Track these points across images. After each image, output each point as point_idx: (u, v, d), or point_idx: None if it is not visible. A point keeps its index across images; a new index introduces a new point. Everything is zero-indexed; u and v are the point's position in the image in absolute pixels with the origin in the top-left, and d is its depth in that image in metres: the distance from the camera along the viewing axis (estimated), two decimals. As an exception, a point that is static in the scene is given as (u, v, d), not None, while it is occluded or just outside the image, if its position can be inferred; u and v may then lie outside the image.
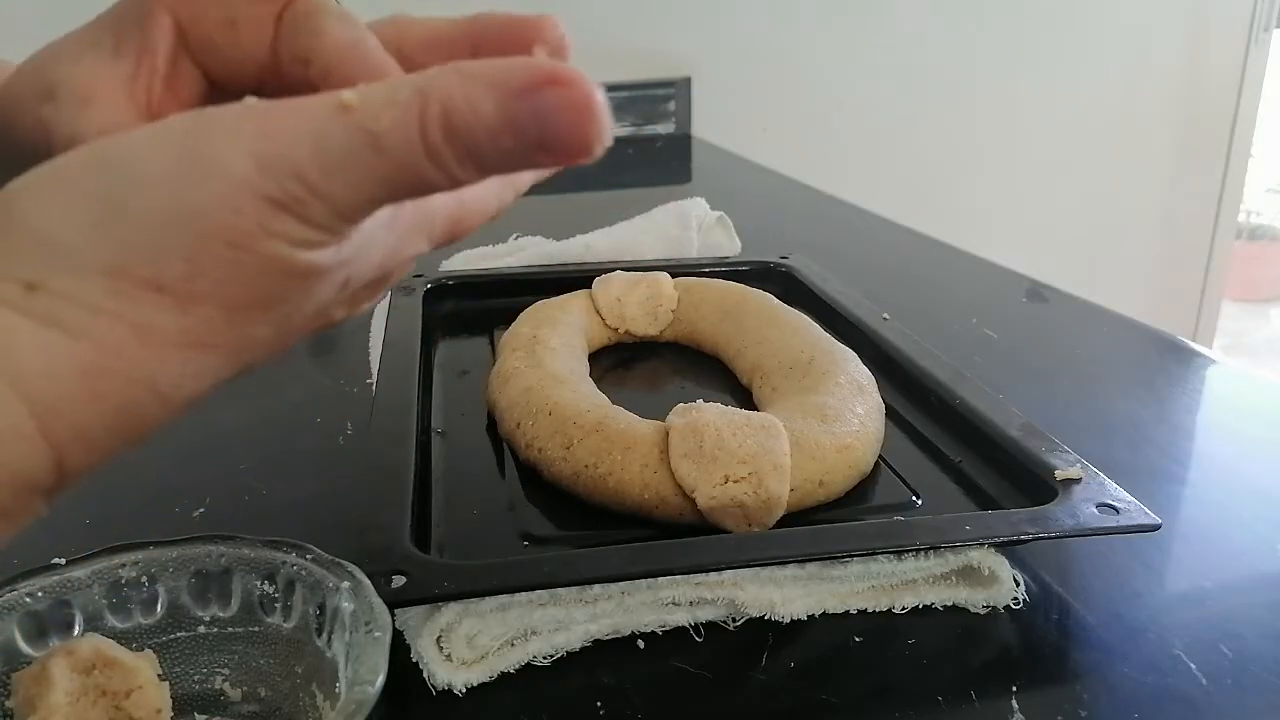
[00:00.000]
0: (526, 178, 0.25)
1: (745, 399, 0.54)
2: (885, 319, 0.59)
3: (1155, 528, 0.37)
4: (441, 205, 0.24)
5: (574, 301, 0.60)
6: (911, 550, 0.37)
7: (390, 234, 0.22)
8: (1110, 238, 1.93)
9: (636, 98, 1.54)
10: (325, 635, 0.30)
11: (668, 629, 0.37)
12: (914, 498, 0.43)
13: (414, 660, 0.34)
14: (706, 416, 0.41)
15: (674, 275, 0.63)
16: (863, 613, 0.38)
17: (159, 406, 0.20)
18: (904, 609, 0.38)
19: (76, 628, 0.30)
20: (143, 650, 0.30)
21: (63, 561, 0.30)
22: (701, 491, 0.39)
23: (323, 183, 0.19)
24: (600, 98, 0.19)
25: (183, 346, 0.19)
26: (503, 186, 0.25)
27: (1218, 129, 1.95)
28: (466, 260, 0.75)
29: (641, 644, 0.36)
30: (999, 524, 0.38)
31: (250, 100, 0.20)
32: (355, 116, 0.19)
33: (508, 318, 0.58)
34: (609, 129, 0.19)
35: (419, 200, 0.23)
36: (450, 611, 0.34)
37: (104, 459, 0.20)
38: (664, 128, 1.58)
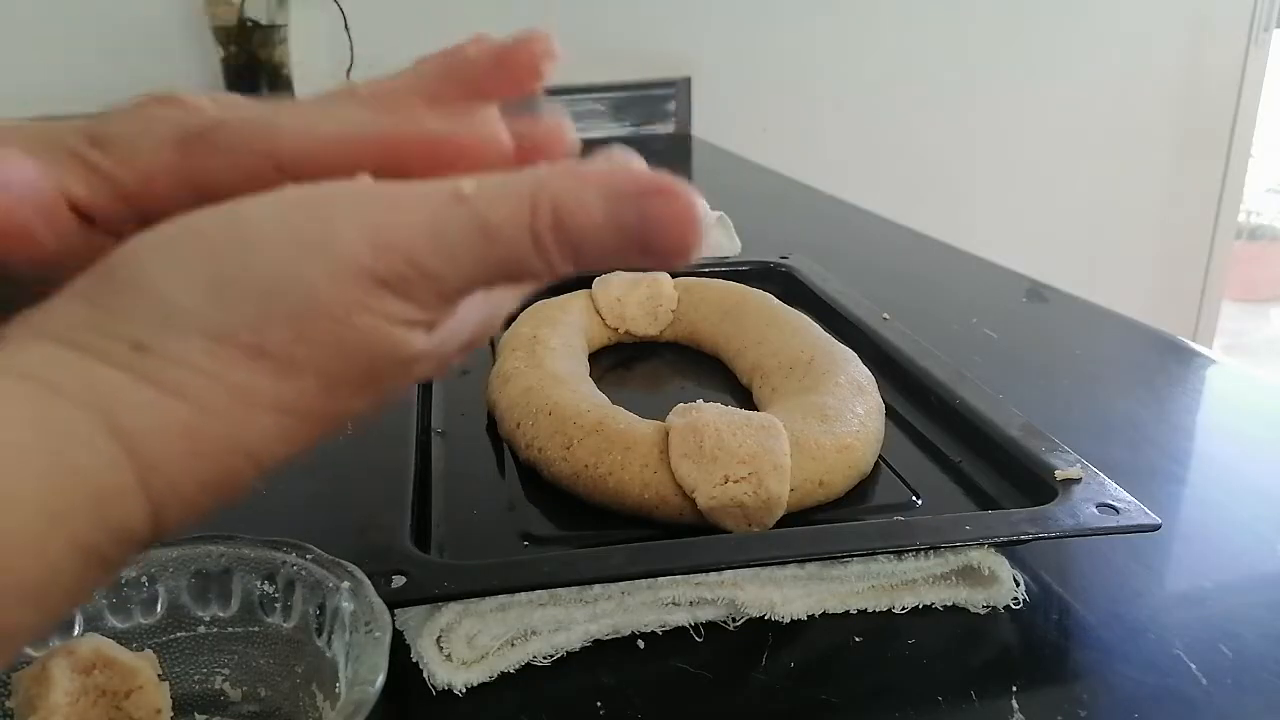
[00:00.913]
0: None
1: (745, 399, 0.54)
2: (885, 319, 0.59)
3: (1155, 528, 0.37)
4: None
5: (574, 301, 0.60)
6: (911, 550, 0.37)
7: (485, 304, 0.23)
8: (1110, 238, 1.93)
9: (636, 98, 1.54)
10: (325, 635, 0.30)
11: (668, 629, 0.37)
12: (914, 498, 0.43)
13: (414, 660, 0.34)
14: (706, 416, 0.41)
15: (674, 275, 0.63)
16: (863, 613, 0.38)
17: (252, 468, 0.20)
18: (904, 609, 0.38)
19: (76, 628, 0.30)
20: (143, 650, 0.30)
21: (63, 561, 0.30)
22: (701, 491, 0.39)
23: (433, 267, 0.19)
24: (701, 208, 0.20)
25: (278, 412, 0.20)
26: None
27: (1218, 129, 1.95)
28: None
29: (641, 644, 0.36)
30: (999, 524, 0.38)
31: (365, 179, 0.21)
32: (472, 207, 0.20)
33: (508, 318, 0.58)
34: (705, 237, 0.20)
35: None
36: (450, 611, 0.34)
37: (196, 515, 0.20)
38: (664, 128, 1.58)
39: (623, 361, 0.61)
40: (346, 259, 0.19)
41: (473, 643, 0.34)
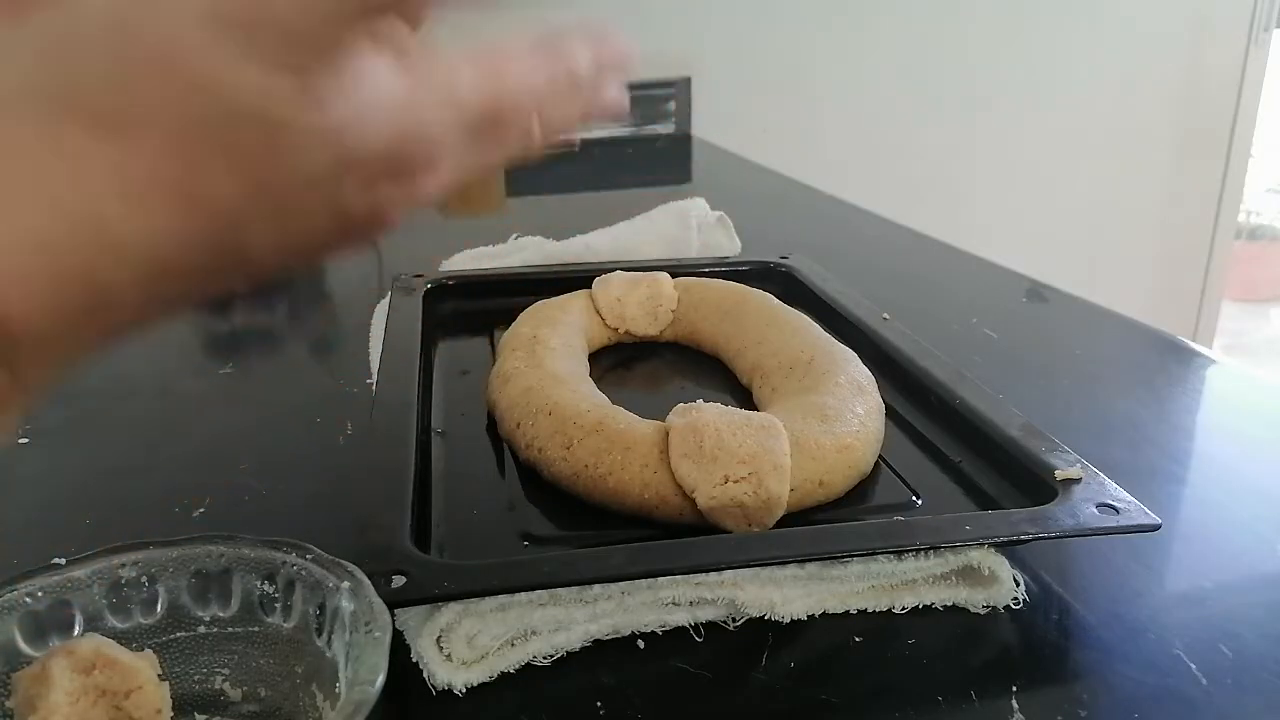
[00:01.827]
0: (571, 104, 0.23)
1: (745, 399, 0.54)
2: (885, 319, 0.59)
3: (1155, 528, 0.37)
4: (468, 79, 0.21)
5: (574, 301, 0.60)
6: (911, 550, 0.37)
7: (401, 102, 0.20)
8: (1110, 238, 1.93)
9: (636, 98, 1.54)
10: (325, 635, 0.30)
11: (668, 629, 0.37)
12: (914, 498, 0.43)
13: (414, 660, 0.34)
14: (706, 416, 0.41)
15: (674, 275, 0.63)
16: (863, 613, 0.38)
17: (109, 260, 0.17)
18: (904, 609, 0.38)
19: (76, 628, 0.30)
20: (143, 650, 0.30)
21: (63, 561, 0.30)
22: (701, 491, 0.39)
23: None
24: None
25: (124, 184, 0.17)
26: (568, 96, 0.23)
27: (1218, 129, 1.95)
28: (466, 260, 0.75)
29: (641, 644, 0.36)
30: (999, 524, 0.38)
31: None
32: None
33: (508, 318, 0.58)
34: None
35: (435, 68, 0.20)
36: (450, 611, 0.34)
37: (61, 320, 0.17)
38: (664, 128, 1.58)
39: (623, 361, 0.61)
40: (183, 4, 0.17)
41: (473, 643, 0.34)
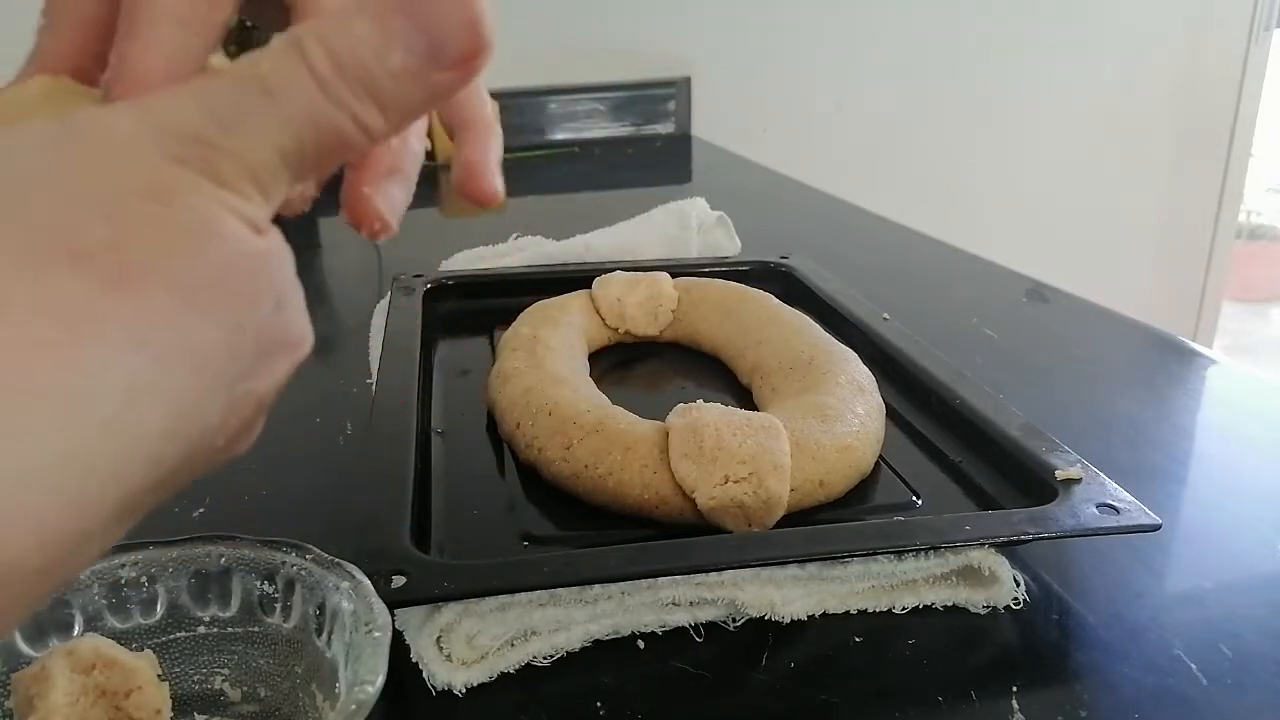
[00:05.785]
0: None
1: (745, 399, 0.54)
2: (885, 319, 0.59)
3: (1155, 528, 0.37)
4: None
5: (574, 301, 0.60)
6: (912, 550, 0.37)
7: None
8: (1110, 238, 1.93)
9: (636, 98, 1.54)
10: (325, 635, 0.30)
11: (668, 629, 0.37)
12: (914, 498, 0.43)
13: (414, 660, 0.34)
14: (706, 416, 0.41)
15: (674, 275, 0.63)
16: (863, 613, 0.38)
17: (112, 448, 0.15)
18: (904, 609, 0.38)
19: (76, 628, 0.30)
20: (143, 650, 0.30)
21: (63, 561, 0.30)
22: (701, 491, 0.39)
23: (224, 139, 0.18)
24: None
25: (122, 345, 0.15)
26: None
27: (1218, 129, 1.94)
28: (466, 260, 0.75)
29: (641, 644, 0.36)
30: (999, 524, 0.38)
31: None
32: (232, 70, 0.18)
33: (508, 318, 0.58)
34: (492, 17, 0.19)
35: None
36: (450, 611, 0.34)
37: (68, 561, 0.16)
38: (664, 128, 1.58)
39: (623, 361, 0.61)
40: (129, 136, 0.17)
41: (472, 643, 0.34)
